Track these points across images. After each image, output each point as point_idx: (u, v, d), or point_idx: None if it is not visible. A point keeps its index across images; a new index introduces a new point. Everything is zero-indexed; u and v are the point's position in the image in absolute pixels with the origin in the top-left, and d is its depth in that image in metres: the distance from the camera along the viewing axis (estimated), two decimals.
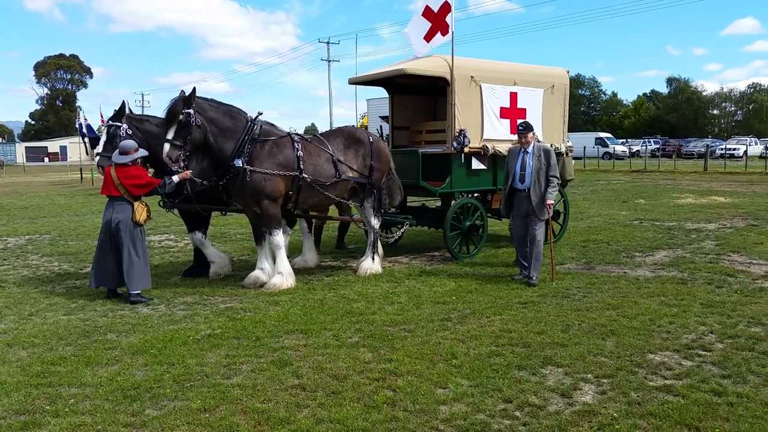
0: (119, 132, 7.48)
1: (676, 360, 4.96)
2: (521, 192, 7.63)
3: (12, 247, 11.08)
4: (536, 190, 7.51)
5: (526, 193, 7.57)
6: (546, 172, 7.54)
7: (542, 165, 7.54)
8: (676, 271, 8.20)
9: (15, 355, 5.28)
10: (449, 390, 4.42)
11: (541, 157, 7.56)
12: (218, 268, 8.31)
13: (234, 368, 4.89)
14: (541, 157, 7.56)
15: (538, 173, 7.54)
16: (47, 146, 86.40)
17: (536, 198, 7.51)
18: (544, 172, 7.54)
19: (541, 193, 7.52)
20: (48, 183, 32.42)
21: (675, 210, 14.98)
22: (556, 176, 7.62)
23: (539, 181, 7.53)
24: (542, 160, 7.55)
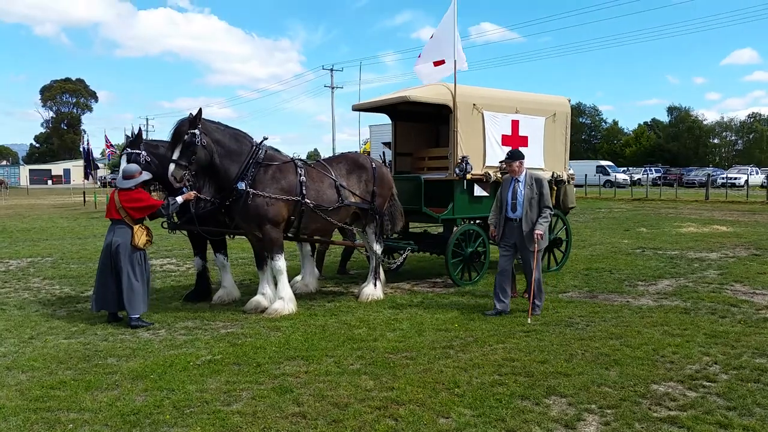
0: (139, 159, 7.51)
1: (681, 391, 4.92)
2: (513, 221, 7.44)
3: (14, 270, 11.07)
4: (527, 219, 7.33)
5: (517, 223, 7.39)
6: (538, 201, 7.35)
7: (534, 194, 7.35)
8: (679, 300, 8.16)
9: (14, 378, 5.24)
10: (452, 420, 4.38)
11: (533, 186, 7.38)
12: (225, 295, 8.29)
13: (234, 395, 4.85)
14: (533, 186, 7.38)
15: (530, 202, 7.35)
16: (51, 169, 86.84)
17: (527, 228, 7.32)
18: (537, 201, 7.35)
19: (532, 222, 7.32)
20: (51, 206, 32.50)
21: (677, 239, 14.97)
22: (549, 206, 7.40)
23: (531, 210, 7.35)
24: (534, 189, 7.37)
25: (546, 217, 7.36)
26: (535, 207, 7.34)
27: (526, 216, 7.33)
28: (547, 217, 7.37)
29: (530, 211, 7.34)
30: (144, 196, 7.15)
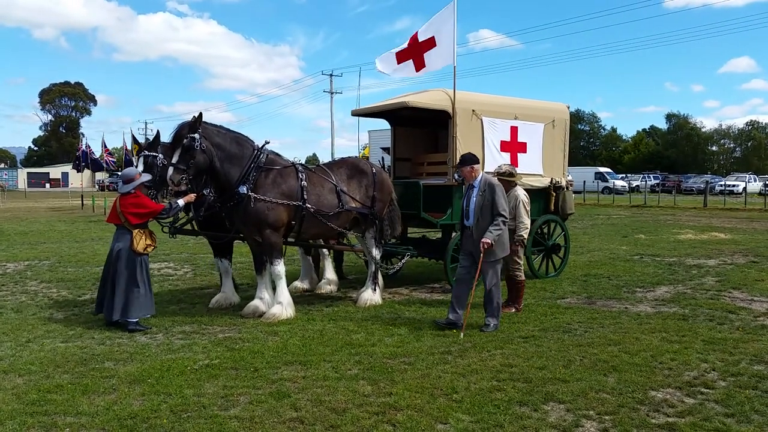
0: (156, 162, 7.46)
1: (679, 397, 4.91)
2: (468, 230, 7.08)
3: (11, 273, 11.05)
4: (478, 228, 6.91)
5: (470, 231, 7.03)
6: (490, 208, 6.88)
7: (486, 201, 6.89)
8: (677, 307, 8.16)
9: (11, 382, 5.22)
10: (450, 425, 4.37)
11: (486, 193, 6.92)
12: (222, 299, 8.28)
13: (231, 399, 4.84)
14: (486, 192, 6.92)
15: (481, 210, 6.91)
16: (49, 172, 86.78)
17: (478, 236, 6.87)
18: (489, 209, 6.88)
19: (483, 231, 6.85)
20: (49, 209, 32.46)
21: (675, 245, 14.99)
22: (503, 214, 6.86)
23: (482, 218, 6.90)
24: (486, 196, 6.90)
25: (497, 225, 6.83)
26: (487, 215, 6.89)
27: (476, 224, 6.94)
28: (498, 225, 6.83)
29: (481, 218, 6.91)
30: (143, 202, 7.09)
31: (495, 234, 6.80)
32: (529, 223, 7.93)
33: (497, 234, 6.82)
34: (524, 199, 7.91)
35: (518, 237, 7.80)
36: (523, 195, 7.96)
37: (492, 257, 6.94)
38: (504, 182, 7.93)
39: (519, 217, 7.80)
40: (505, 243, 7.07)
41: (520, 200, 7.86)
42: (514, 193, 7.92)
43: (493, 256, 6.94)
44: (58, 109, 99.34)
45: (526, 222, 7.87)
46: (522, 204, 7.85)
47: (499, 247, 6.97)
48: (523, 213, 7.83)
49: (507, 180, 7.95)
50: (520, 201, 7.85)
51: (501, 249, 7.01)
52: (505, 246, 7.09)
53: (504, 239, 7.01)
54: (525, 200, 7.92)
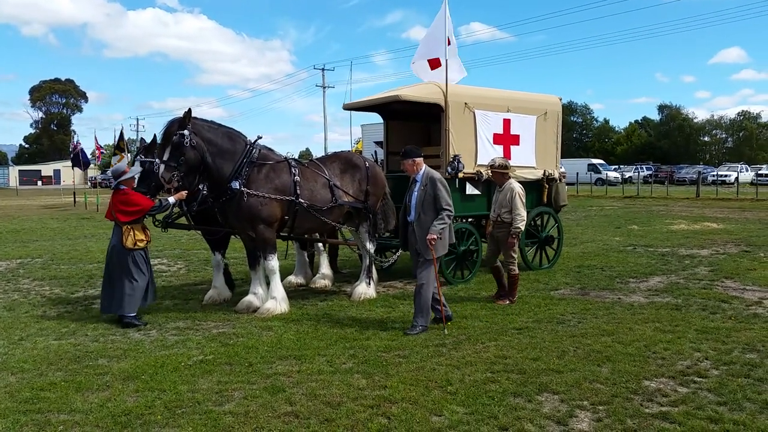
0: (153, 168, 7.45)
1: (672, 387, 4.94)
2: (410, 225, 6.74)
3: (3, 271, 10.99)
4: (420, 224, 6.58)
5: (412, 227, 6.71)
6: (433, 203, 6.56)
7: (428, 195, 6.57)
8: (670, 297, 8.20)
9: (3, 380, 5.20)
10: (444, 417, 4.38)
11: (427, 187, 6.59)
12: (216, 295, 8.26)
13: (226, 395, 4.83)
14: (428, 186, 6.59)
15: (423, 204, 6.59)
16: (41, 170, 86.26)
17: (420, 233, 6.56)
18: (431, 204, 6.56)
19: (426, 228, 6.53)
20: (41, 206, 32.28)
21: (668, 236, 15.04)
22: (446, 208, 6.53)
23: (424, 213, 6.58)
24: (428, 191, 6.58)
25: (442, 219, 6.51)
26: (429, 209, 6.56)
27: (418, 220, 6.61)
28: (443, 219, 6.51)
29: (423, 214, 6.57)
30: (132, 199, 7.06)
31: (439, 228, 6.49)
32: (525, 215, 7.88)
33: (441, 228, 6.51)
34: (520, 192, 7.86)
35: (515, 229, 7.76)
36: (519, 187, 7.92)
37: (428, 255, 6.56)
38: (498, 175, 7.99)
39: (515, 209, 7.75)
40: (446, 241, 6.69)
41: (516, 192, 7.81)
42: (509, 185, 7.91)
43: (436, 253, 6.58)
44: (48, 106, 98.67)
45: (524, 214, 7.81)
46: (518, 196, 7.80)
47: (440, 245, 6.62)
48: (520, 205, 7.78)
49: (501, 173, 7.96)
50: (516, 193, 7.80)
51: (442, 247, 6.66)
52: (445, 243, 6.69)
53: (445, 236, 6.65)
54: (521, 192, 7.88)
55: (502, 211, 7.89)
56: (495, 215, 8.01)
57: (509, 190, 7.85)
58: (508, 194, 7.81)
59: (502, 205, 7.89)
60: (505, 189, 7.86)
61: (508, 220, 7.78)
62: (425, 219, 6.57)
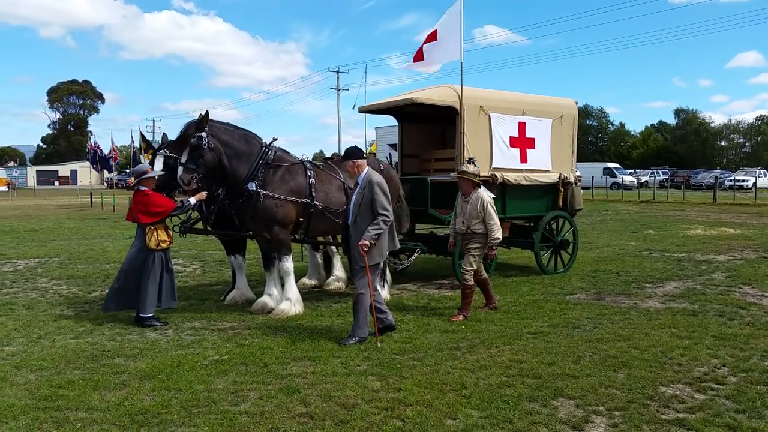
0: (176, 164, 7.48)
1: (689, 393, 4.89)
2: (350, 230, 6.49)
3: (22, 270, 11.13)
4: (356, 228, 6.32)
5: (348, 232, 6.49)
6: (370, 207, 6.25)
7: (365, 199, 6.28)
8: (687, 302, 8.13)
9: (23, 377, 5.27)
10: (459, 421, 4.37)
11: (366, 190, 6.30)
12: (238, 296, 8.31)
13: (241, 395, 4.86)
14: (366, 189, 6.31)
15: (359, 208, 6.30)
16: (58, 170, 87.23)
17: (356, 237, 6.28)
18: (368, 208, 6.26)
19: (362, 232, 6.23)
20: (58, 206, 32.64)
21: (684, 241, 14.91)
22: (383, 213, 6.21)
23: (360, 217, 6.29)
24: (366, 194, 6.29)
25: (377, 225, 6.19)
26: (366, 214, 6.27)
27: (354, 224, 6.36)
28: (378, 225, 6.19)
29: (360, 218, 6.30)
30: (154, 200, 7.10)
31: (373, 233, 6.17)
32: (499, 223, 7.37)
33: (375, 233, 6.19)
34: (490, 200, 7.36)
35: (494, 240, 7.27)
36: (488, 195, 7.42)
37: (370, 261, 6.28)
38: (467, 183, 7.41)
39: (490, 218, 7.24)
40: (383, 247, 6.38)
41: (487, 202, 7.29)
42: (478, 195, 7.34)
43: (370, 260, 6.28)
44: (66, 108, 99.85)
45: (499, 223, 7.35)
46: (489, 205, 7.28)
47: (376, 251, 6.31)
48: (494, 214, 7.29)
49: (471, 180, 7.40)
50: (487, 203, 7.28)
51: (378, 253, 6.34)
52: (382, 250, 6.38)
53: (382, 242, 6.34)
54: (492, 201, 7.39)
55: (473, 222, 7.31)
56: (465, 227, 7.40)
57: (479, 200, 7.29)
58: (479, 204, 7.26)
59: (472, 216, 7.30)
60: (474, 198, 7.31)
61: (480, 230, 7.31)
62: (361, 223, 6.27)
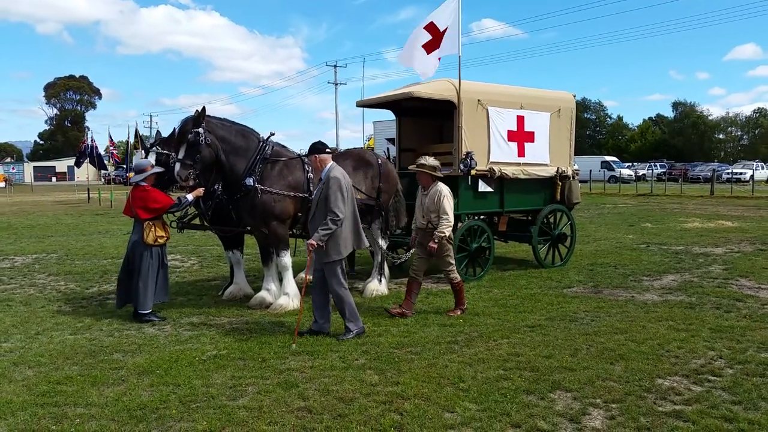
0: (169, 161, 7.50)
1: (686, 385, 4.91)
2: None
3: (19, 266, 11.12)
4: (314, 223, 6.30)
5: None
6: (325, 205, 6.18)
7: (322, 195, 6.23)
8: (684, 295, 8.15)
9: (21, 374, 5.27)
10: (457, 414, 4.38)
11: (324, 186, 6.26)
12: (236, 291, 8.32)
13: (240, 390, 4.87)
14: (324, 185, 6.26)
15: (317, 205, 6.28)
16: (55, 166, 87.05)
17: (312, 234, 6.29)
18: (324, 204, 6.18)
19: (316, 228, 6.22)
20: (55, 202, 32.57)
21: (682, 234, 14.94)
22: (334, 211, 6.09)
23: (318, 213, 6.27)
24: (323, 190, 6.24)
25: (326, 225, 6.09)
26: (322, 210, 6.21)
27: (312, 220, 6.39)
28: (327, 225, 6.09)
29: (317, 214, 6.27)
30: (152, 196, 7.10)
31: (322, 234, 6.09)
32: (452, 220, 7.08)
33: (324, 234, 6.09)
34: (448, 195, 7.10)
35: (438, 234, 6.99)
36: (447, 191, 7.14)
37: (325, 258, 6.26)
38: (424, 176, 7.19)
39: (443, 212, 6.99)
40: (341, 244, 6.25)
41: (444, 195, 7.04)
42: (436, 188, 7.11)
43: (326, 257, 6.25)
44: (63, 103, 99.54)
45: (450, 218, 7.03)
46: (447, 199, 7.03)
47: (333, 248, 6.22)
48: (447, 208, 7.01)
49: (431, 175, 7.15)
50: (444, 196, 7.03)
51: (335, 250, 6.23)
52: (340, 247, 6.25)
53: (340, 239, 6.23)
54: (450, 196, 7.12)
55: (432, 217, 7.08)
56: (424, 222, 7.19)
57: (437, 193, 7.05)
58: (436, 197, 7.02)
59: (430, 210, 7.07)
60: (432, 192, 7.08)
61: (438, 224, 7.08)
62: (318, 219, 6.23)
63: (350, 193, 6.36)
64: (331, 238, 6.20)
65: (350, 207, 6.35)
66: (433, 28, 9.23)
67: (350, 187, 6.40)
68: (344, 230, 6.28)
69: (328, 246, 6.21)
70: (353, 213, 6.41)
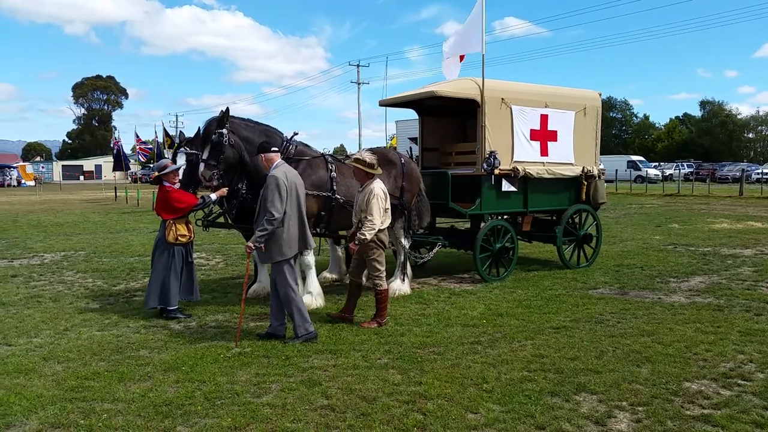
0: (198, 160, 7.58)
1: (714, 389, 4.83)
2: None
3: (48, 263, 11.33)
4: (256, 226, 6.07)
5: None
6: (263, 205, 6.01)
7: (262, 196, 6.05)
8: (712, 297, 8.01)
9: (51, 368, 5.37)
10: (480, 415, 4.36)
11: (264, 187, 6.10)
12: (260, 289, 8.39)
13: (264, 387, 4.90)
14: (264, 186, 6.11)
15: (259, 206, 6.11)
16: (83, 165, 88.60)
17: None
18: (263, 205, 6.00)
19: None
20: (83, 201, 33.14)
21: (710, 235, 14.68)
22: (270, 211, 5.89)
23: (260, 215, 6.04)
24: (263, 190, 6.07)
25: (262, 227, 5.91)
26: (262, 211, 6.01)
27: (255, 222, 6.15)
28: (263, 227, 5.90)
29: (260, 215, 6.05)
30: (176, 196, 7.19)
31: (258, 236, 5.93)
32: (378, 223, 6.60)
33: (260, 236, 5.91)
34: (380, 194, 6.66)
35: (359, 237, 6.58)
36: (380, 190, 6.70)
37: (267, 260, 6.17)
38: (358, 171, 6.85)
39: (369, 211, 6.58)
40: (283, 245, 6.05)
41: (375, 194, 6.61)
42: (369, 186, 6.71)
43: (268, 258, 6.12)
44: (90, 103, 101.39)
45: (376, 221, 6.57)
46: (377, 199, 6.60)
47: (276, 249, 6.05)
48: (375, 210, 6.57)
49: (365, 171, 6.78)
50: (375, 195, 6.60)
51: (278, 251, 6.05)
52: (282, 248, 6.05)
53: (282, 239, 6.03)
54: (381, 195, 6.68)
55: (362, 216, 6.70)
56: (356, 220, 6.83)
57: (369, 192, 6.66)
58: (368, 196, 6.64)
59: (362, 209, 6.70)
60: (365, 190, 6.71)
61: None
62: (260, 219, 6.04)
63: (294, 192, 6.12)
64: (273, 239, 6.02)
65: (295, 207, 6.13)
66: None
67: (296, 186, 6.16)
68: (288, 230, 6.07)
69: (270, 247, 6.05)
70: (299, 213, 6.18)
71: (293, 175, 6.25)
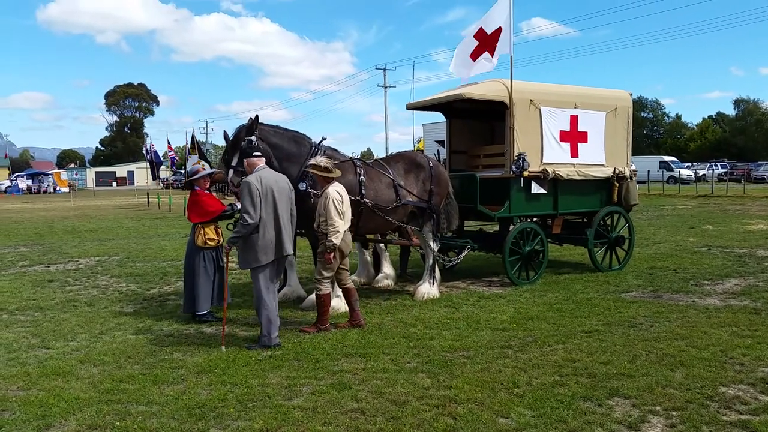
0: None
1: (752, 394, 4.72)
2: None
3: (83, 268, 11.58)
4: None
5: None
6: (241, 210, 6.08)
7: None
8: (748, 300, 7.83)
9: (87, 371, 5.49)
10: (511, 420, 4.33)
11: None
12: (289, 293, 8.48)
13: (295, 390, 4.94)
14: None
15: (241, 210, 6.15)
16: (116, 171, 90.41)
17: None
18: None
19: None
20: (116, 206, 33.79)
21: (745, 236, 14.35)
22: (242, 214, 6.00)
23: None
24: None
25: (236, 229, 6.05)
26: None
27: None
28: (237, 229, 6.03)
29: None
30: (203, 200, 7.32)
31: (231, 237, 6.06)
32: (340, 226, 6.52)
33: (233, 238, 6.03)
34: (335, 197, 6.56)
35: (327, 243, 6.53)
36: (335, 193, 6.60)
37: (245, 266, 6.20)
38: (318, 178, 6.84)
39: (329, 218, 6.49)
40: (258, 251, 6.06)
41: (330, 198, 6.53)
42: (326, 190, 6.66)
43: (245, 264, 6.18)
44: (122, 110, 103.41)
45: (337, 224, 6.49)
46: (332, 202, 6.51)
47: (251, 256, 6.08)
48: (334, 214, 6.49)
49: (323, 176, 6.72)
50: (330, 199, 6.52)
51: (253, 258, 6.08)
52: (258, 254, 6.07)
53: (257, 246, 6.04)
54: (336, 198, 6.56)
55: (320, 220, 6.63)
56: (316, 224, 6.74)
57: (324, 196, 6.61)
58: (324, 200, 6.59)
59: (319, 213, 6.65)
60: (322, 195, 6.67)
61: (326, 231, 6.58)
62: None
63: (270, 197, 6.10)
64: (249, 245, 6.06)
65: (271, 212, 6.10)
66: (482, 34, 9.19)
67: (272, 191, 6.12)
68: (263, 237, 6.06)
69: (245, 253, 6.10)
70: (275, 219, 6.13)
71: (271, 181, 6.21)
